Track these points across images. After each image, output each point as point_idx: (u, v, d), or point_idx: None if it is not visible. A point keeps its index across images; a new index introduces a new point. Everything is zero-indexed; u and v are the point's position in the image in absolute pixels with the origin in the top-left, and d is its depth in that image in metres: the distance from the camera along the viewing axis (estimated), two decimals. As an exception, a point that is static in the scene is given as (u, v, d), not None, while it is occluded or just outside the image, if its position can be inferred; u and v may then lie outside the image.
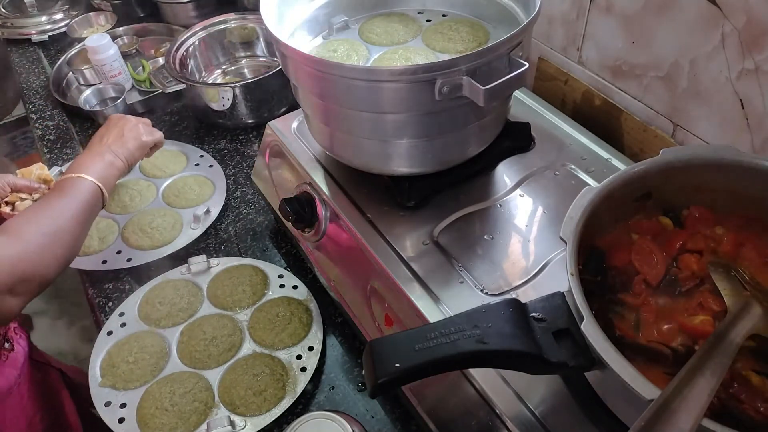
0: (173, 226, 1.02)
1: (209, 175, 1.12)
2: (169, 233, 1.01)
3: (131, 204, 1.07)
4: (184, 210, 1.05)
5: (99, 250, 1.00)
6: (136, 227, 1.02)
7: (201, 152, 1.18)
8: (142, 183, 1.11)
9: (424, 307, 0.64)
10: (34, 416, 0.96)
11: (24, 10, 1.66)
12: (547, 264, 0.67)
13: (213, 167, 1.14)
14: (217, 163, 1.15)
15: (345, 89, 0.65)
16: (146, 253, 0.98)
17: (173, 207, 1.06)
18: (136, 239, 1.00)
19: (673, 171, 0.57)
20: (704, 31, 0.71)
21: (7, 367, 0.91)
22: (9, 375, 0.90)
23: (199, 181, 1.11)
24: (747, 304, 0.49)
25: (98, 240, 1.01)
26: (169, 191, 1.09)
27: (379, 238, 0.72)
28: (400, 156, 0.72)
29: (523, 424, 0.55)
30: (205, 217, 1.03)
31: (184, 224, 1.03)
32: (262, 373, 0.79)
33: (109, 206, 1.06)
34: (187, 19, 1.51)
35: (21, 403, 0.93)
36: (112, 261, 0.98)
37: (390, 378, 0.46)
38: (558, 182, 0.77)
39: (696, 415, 0.38)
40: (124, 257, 0.98)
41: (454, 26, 0.80)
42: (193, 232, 1.01)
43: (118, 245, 1.00)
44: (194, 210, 1.03)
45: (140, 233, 1.01)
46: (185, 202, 1.07)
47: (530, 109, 0.89)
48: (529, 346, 0.47)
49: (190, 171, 1.14)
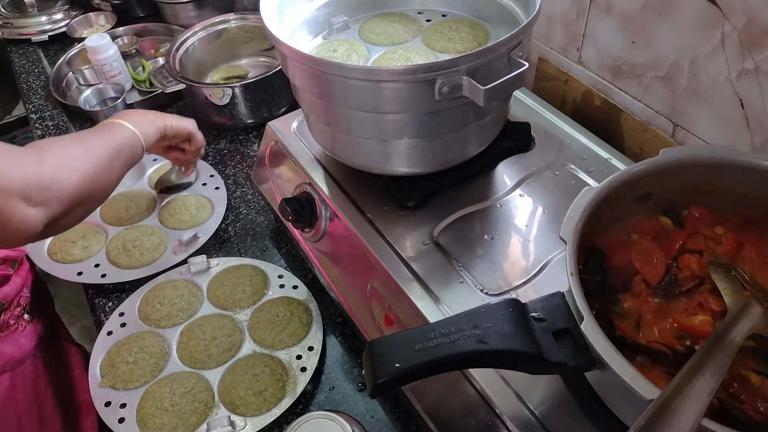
0: (156, 247, 0.98)
1: (212, 197, 1.07)
2: (150, 254, 0.97)
3: (126, 216, 1.03)
4: (174, 231, 1.01)
5: (79, 259, 0.97)
6: (119, 242, 0.98)
7: (212, 171, 1.13)
8: (143, 195, 1.07)
9: (424, 307, 0.64)
10: (46, 389, 0.99)
11: (24, 10, 1.66)
12: (547, 264, 0.67)
13: (219, 190, 1.08)
14: (224, 184, 1.10)
15: (345, 89, 0.65)
16: (121, 272, 0.95)
17: (165, 226, 1.02)
18: (116, 255, 0.97)
19: (673, 171, 0.57)
20: (704, 31, 0.71)
21: (24, 337, 0.94)
22: (24, 345, 0.93)
23: (200, 203, 1.06)
24: (747, 304, 0.49)
25: (81, 248, 0.98)
26: (166, 209, 1.05)
27: (379, 238, 0.72)
28: (400, 156, 0.72)
29: (523, 424, 0.55)
30: (192, 243, 0.98)
31: (168, 247, 0.99)
32: (262, 373, 0.79)
33: (104, 215, 1.04)
34: (187, 19, 1.51)
35: (34, 374, 0.95)
36: (88, 274, 0.95)
37: (390, 378, 0.46)
38: (558, 182, 0.77)
39: (696, 415, 0.38)
40: (99, 272, 0.95)
41: (454, 26, 0.81)
42: (173, 257, 0.97)
43: (99, 258, 0.97)
44: (182, 234, 0.99)
45: (122, 250, 0.97)
46: (177, 224, 1.02)
47: (530, 109, 0.89)
48: (529, 346, 0.47)
49: (193, 190, 1.09)
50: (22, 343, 0.93)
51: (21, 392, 0.94)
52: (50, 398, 1.01)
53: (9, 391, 0.91)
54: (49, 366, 1.00)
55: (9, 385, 0.91)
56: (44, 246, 0.99)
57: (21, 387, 0.93)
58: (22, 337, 0.94)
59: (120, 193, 1.08)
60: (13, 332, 0.94)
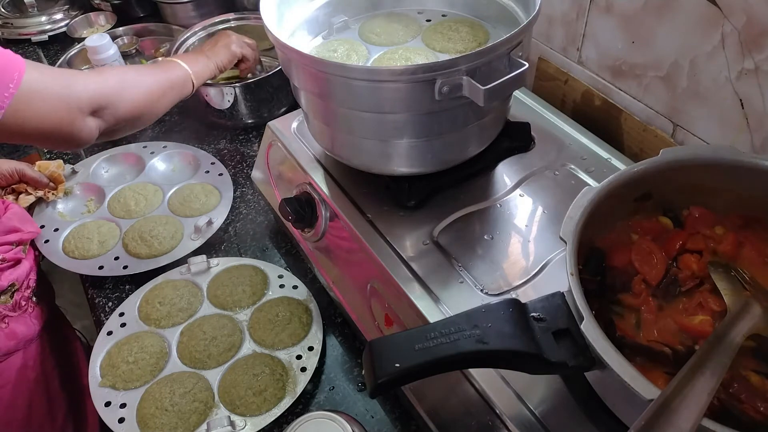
0: (173, 235, 1.00)
1: (217, 183, 1.09)
2: (168, 243, 0.99)
3: (136, 209, 1.05)
4: (186, 219, 1.03)
5: (98, 254, 0.98)
6: (136, 234, 1.00)
7: (213, 159, 1.15)
8: (149, 188, 1.09)
9: (424, 307, 0.64)
10: (53, 370, 1.05)
11: (24, 10, 1.66)
12: (547, 264, 0.67)
13: (222, 176, 1.10)
14: (227, 171, 1.12)
15: (345, 89, 0.65)
16: (143, 262, 0.96)
17: (177, 215, 1.04)
18: (134, 246, 0.98)
19: (673, 171, 0.57)
20: (704, 31, 0.71)
21: (34, 318, 0.99)
22: (33, 326, 0.98)
23: (207, 190, 1.07)
24: (747, 304, 0.49)
25: (98, 244, 1.00)
26: (175, 198, 1.07)
27: (379, 238, 0.72)
28: (400, 156, 0.72)
29: (523, 424, 0.55)
30: (207, 229, 1.00)
31: (184, 234, 1.01)
32: (262, 373, 0.79)
33: (114, 210, 1.05)
34: (187, 19, 1.51)
35: (42, 354, 1.01)
36: (109, 267, 0.96)
37: (390, 378, 0.46)
38: (558, 182, 0.77)
39: (696, 415, 0.38)
40: (121, 264, 0.96)
41: (453, 26, 0.81)
42: (192, 243, 0.99)
43: (117, 251, 0.99)
44: (196, 220, 1.01)
45: (139, 240, 0.99)
46: (189, 211, 1.04)
47: (530, 109, 0.89)
48: (529, 346, 0.47)
49: (198, 178, 1.11)
50: (31, 323, 0.97)
51: (32, 371, 0.98)
52: (56, 379, 1.05)
53: (22, 370, 0.96)
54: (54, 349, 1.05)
55: (22, 364, 0.96)
56: (59, 245, 1.00)
57: (32, 366, 0.98)
58: (33, 317, 0.99)
59: (126, 186, 1.10)
60: (23, 313, 0.97)
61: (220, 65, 1.03)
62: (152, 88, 0.87)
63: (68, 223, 1.04)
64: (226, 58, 1.04)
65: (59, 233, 1.02)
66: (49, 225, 1.04)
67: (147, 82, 0.87)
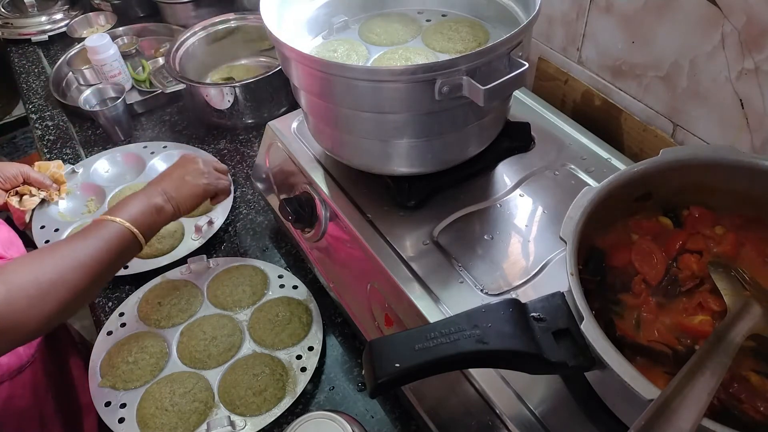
0: (173, 235, 1.00)
1: None
2: (169, 242, 0.99)
3: None
4: (187, 219, 1.03)
5: None
6: None
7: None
8: None
9: (424, 307, 0.64)
10: (46, 394, 0.97)
11: (24, 10, 1.66)
12: (547, 264, 0.67)
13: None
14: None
15: (345, 89, 0.65)
16: (143, 262, 0.96)
17: None
18: None
19: (673, 171, 0.57)
20: (704, 31, 0.71)
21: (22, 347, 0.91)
22: (22, 355, 0.91)
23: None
24: (747, 304, 0.49)
25: None
26: None
27: (379, 238, 0.72)
28: (400, 156, 0.72)
29: (523, 424, 0.55)
30: (208, 228, 1.01)
31: (185, 234, 1.01)
32: (262, 373, 0.79)
33: None
34: (187, 19, 1.51)
35: (33, 381, 0.93)
36: None
37: (390, 378, 0.46)
38: (558, 182, 0.77)
39: (696, 415, 0.38)
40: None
41: (453, 26, 0.81)
42: (193, 243, 0.99)
43: None
44: (197, 220, 1.01)
45: None
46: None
47: (530, 109, 0.89)
48: (529, 346, 0.47)
49: None
50: (20, 352, 0.91)
51: (20, 401, 0.92)
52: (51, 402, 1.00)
53: (7, 401, 0.90)
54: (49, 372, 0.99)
55: (7, 395, 0.90)
56: None
57: (20, 396, 0.92)
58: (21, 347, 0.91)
59: (126, 186, 1.09)
60: None
61: (184, 208, 0.83)
62: (82, 276, 0.69)
63: (68, 223, 1.04)
64: (191, 199, 0.84)
65: (59, 233, 1.02)
66: (49, 225, 1.04)
67: (73, 272, 0.68)
